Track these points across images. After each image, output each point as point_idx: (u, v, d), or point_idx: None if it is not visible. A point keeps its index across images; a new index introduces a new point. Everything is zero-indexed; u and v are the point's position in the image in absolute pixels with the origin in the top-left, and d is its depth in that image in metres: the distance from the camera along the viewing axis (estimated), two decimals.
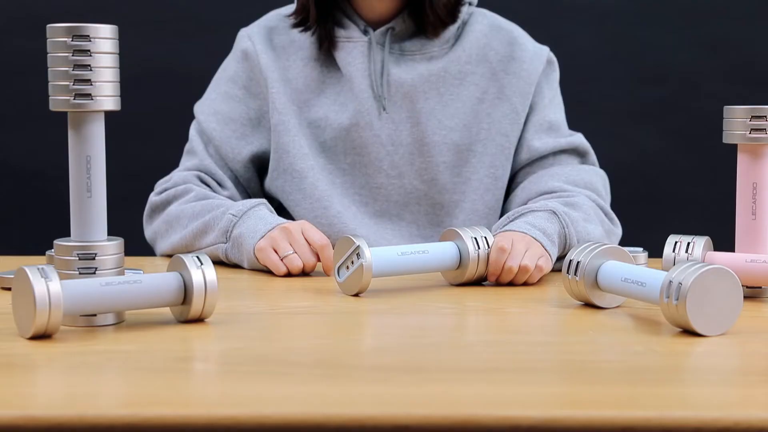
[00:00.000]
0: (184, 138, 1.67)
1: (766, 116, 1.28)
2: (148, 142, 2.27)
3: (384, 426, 0.82)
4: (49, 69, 1.11)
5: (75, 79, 1.10)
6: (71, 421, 0.82)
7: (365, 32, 1.60)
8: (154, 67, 2.30)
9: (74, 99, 1.11)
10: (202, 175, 1.62)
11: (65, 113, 1.14)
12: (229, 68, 1.66)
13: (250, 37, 1.64)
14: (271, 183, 1.63)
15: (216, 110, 1.64)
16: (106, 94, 1.12)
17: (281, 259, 1.43)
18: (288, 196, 1.60)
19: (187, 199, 1.57)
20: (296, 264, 1.42)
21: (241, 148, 1.62)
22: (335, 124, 1.60)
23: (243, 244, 1.46)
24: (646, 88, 2.39)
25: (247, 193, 1.65)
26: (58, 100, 1.11)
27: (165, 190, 1.61)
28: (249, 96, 1.64)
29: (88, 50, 1.10)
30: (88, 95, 1.11)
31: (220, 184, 1.62)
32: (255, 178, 1.65)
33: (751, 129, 1.29)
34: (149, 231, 1.62)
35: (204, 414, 0.83)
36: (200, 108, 1.67)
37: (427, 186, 1.62)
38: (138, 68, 1.97)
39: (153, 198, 1.61)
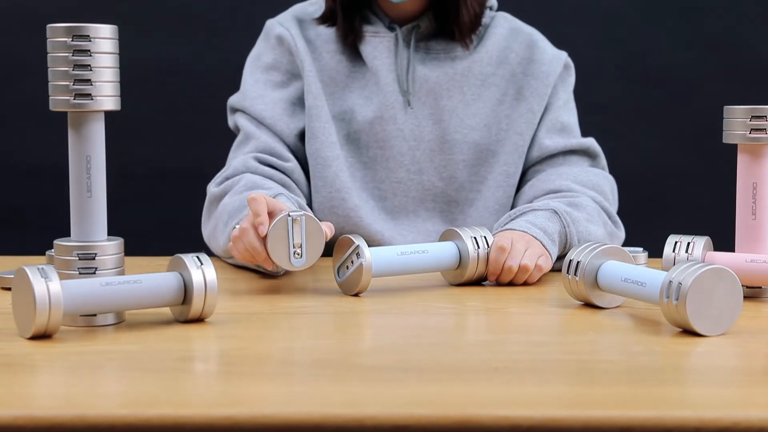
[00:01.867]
0: (185, 138, 1.67)
1: (766, 116, 1.28)
2: (148, 142, 2.27)
3: (384, 426, 0.82)
4: (49, 69, 1.11)
5: (75, 79, 1.10)
6: (71, 421, 0.82)
7: (391, 28, 1.62)
8: (154, 67, 2.30)
9: (74, 99, 1.11)
10: (261, 155, 1.57)
11: (65, 113, 1.14)
12: (265, 56, 1.65)
13: (282, 24, 1.65)
14: (305, 164, 1.62)
15: (260, 95, 1.62)
16: (106, 94, 1.12)
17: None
18: (312, 180, 1.60)
19: (235, 190, 1.49)
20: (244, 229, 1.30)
21: (293, 124, 1.60)
22: (359, 117, 1.61)
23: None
24: (646, 89, 2.39)
25: (304, 170, 1.61)
26: (58, 100, 1.11)
27: (225, 179, 1.55)
28: (292, 78, 1.63)
29: (88, 50, 1.10)
30: (88, 95, 1.11)
31: (281, 158, 1.57)
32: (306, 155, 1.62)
33: (751, 129, 1.29)
34: (205, 230, 1.56)
35: (204, 414, 0.83)
36: (240, 98, 1.64)
37: (445, 183, 1.62)
38: (138, 68, 1.97)
39: (212, 189, 1.54)
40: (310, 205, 1.61)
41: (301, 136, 1.61)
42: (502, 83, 1.63)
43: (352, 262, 1.31)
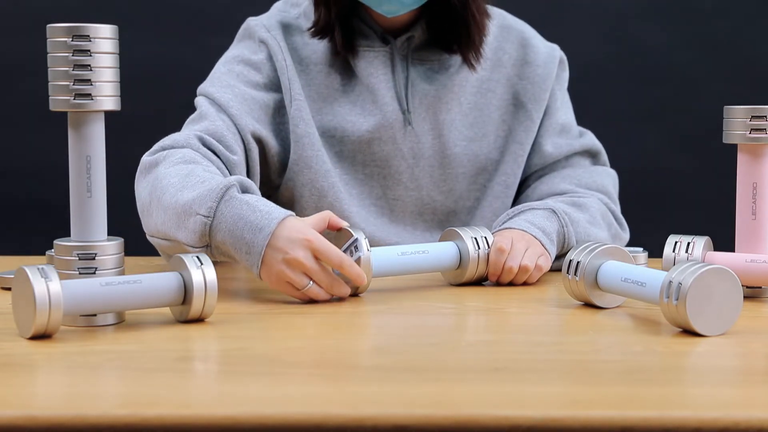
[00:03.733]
0: None
1: (766, 116, 1.28)
2: (148, 142, 2.27)
3: (384, 426, 0.82)
4: (49, 69, 1.11)
5: (75, 79, 1.10)
6: (71, 421, 0.82)
7: (384, 39, 1.55)
8: (154, 67, 2.30)
9: (74, 99, 1.11)
10: (208, 138, 1.44)
11: (65, 113, 1.14)
12: (245, 54, 1.54)
13: (268, 29, 1.55)
14: (288, 191, 1.54)
15: (231, 85, 1.51)
16: (106, 94, 1.12)
17: (300, 289, 1.26)
18: (304, 211, 1.53)
19: (172, 161, 1.38)
20: (319, 294, 1.26)
21: (255, 125, 1.49)
22: (354, 136, 1.54)
23: (237, 259, 1.28)
24: (646, 88, 2.39)
25: (249, 172, 1.50)
26: (58, 100, 1.11)
27: (161, 149, 1.43)
28: (271, 87, 1.53)
29: (88, 50, 1.10)
30: (88, 95, 1.11)
31: (228, 149, 1.45)
32: (257, 161, 1.50)
33: (751, 129, 1.29)
34: (138, 200, 1.42)
35: (204, 414, 0.83)
36: (207, 84, 1.53)
37: (444, 196, 1.59)
38: (138, 68, 1.97)
39: (144, 158, 1.43)
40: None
41: (257, 138, 1.49)
42: (498, 88, 1.59)
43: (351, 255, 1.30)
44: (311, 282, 1.25)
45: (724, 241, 1.42)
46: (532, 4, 2.02)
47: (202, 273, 1.13)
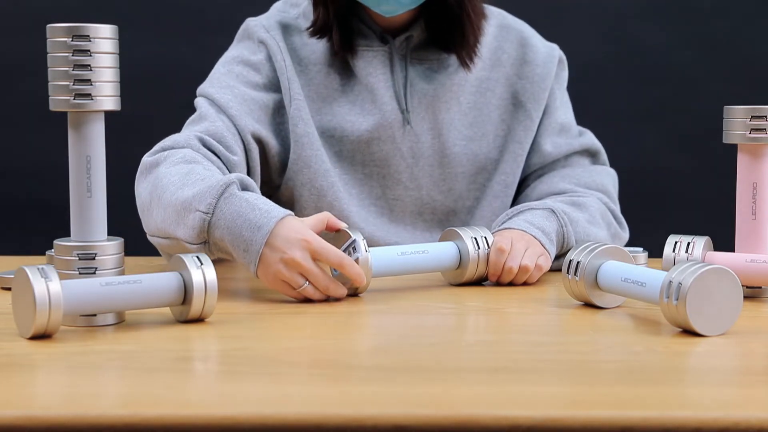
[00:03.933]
0: None
1: (766, 116, 1.28)
2: (148, 142, 2.28)
3: (384, 426, 0.82)
4: (49, 69, 1.11)
5: (75, 79, 1.10)
6: (71, 421, 0.82)
7: (382, 39, 1.55)
8: (154, 67, 2.30)
9: (74, 99, 1.11)
10: (208, 138, 1.44)
11: (65, 113, 1.14)
12: (245, 55, 1.54)
13: (267, 30, 1.54)
14: (288, 191, 1.55)
15: (230, 85, 1.51)
16: (106, 94, 1.12)
17: (296, 288, 1.26)
18: (303, 211, 1.53)
19: (172, 161, 1.38)
20: (314, 294, 1.27)
21: (254, 125, 1.49)
22: (353, 136, 1.54)
23: (235, 257, 1.29)
24: (646, 88, 2.39)
25: (249, 172, 1.50)
26: (58, 100, 1.11)
27: (162, 150, 1.43)
28: (270, 88, 1.53)
29: (88, 50, 1.10)
30: (88, 95, 1.11)
31: (228, 150, 1.45)
32: (258, 161, 1.50)
33: (751, 129, 1.29)
34: (138, 199, 1.42)
35: (204, 414, 0.83)
36: (207, 84, 1.53)
37: (444, 196, 1.59)
38: (138, 68, 1.97)
39: (145, 159, 1.43)
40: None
41: (257, 138, 1.49)
42: (498, 88, 1.59)
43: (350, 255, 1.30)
44: (307, 282, 1.26)
45: (724, 241, 1.42)
46: (532, 4, 2.02)
47: (202, 273, 1.13)
